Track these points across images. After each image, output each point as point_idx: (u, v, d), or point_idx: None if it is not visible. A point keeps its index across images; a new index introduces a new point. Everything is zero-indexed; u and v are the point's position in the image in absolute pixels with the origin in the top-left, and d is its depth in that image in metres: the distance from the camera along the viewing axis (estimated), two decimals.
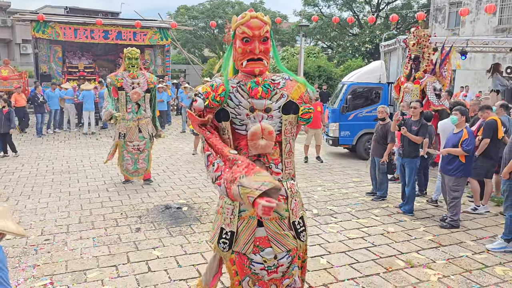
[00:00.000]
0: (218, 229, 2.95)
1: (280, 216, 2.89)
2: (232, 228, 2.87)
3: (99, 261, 4.84)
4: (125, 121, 7.86)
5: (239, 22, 2.80)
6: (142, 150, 8.02)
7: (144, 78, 7.96)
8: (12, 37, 39.28)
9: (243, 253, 2.87)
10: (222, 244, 2.90)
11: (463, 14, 13.70)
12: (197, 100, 2.79)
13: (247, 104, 2.81)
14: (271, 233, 2.87)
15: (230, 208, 2.87)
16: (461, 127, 6.06)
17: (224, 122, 2.81)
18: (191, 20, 38.13)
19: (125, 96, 7.82)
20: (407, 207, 6.73)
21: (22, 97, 14.35)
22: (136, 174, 8.13)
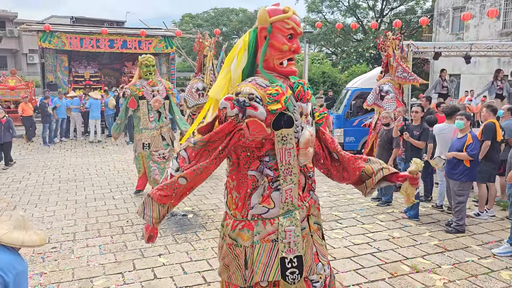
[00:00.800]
0: (274, 261, 2.48)
1: (319, 226, 2.74)
2: (297, 253, 2.49)
3: (105, 269, 4.88)
4: (148, 130, 7.57)
5: (284, 16, 2.49)
6: (168, 158, 7.75)
7: (162, 85, 7.77)
8: (19, 47, 39.76)
9: (306, 277, 2.56)
10: (291, 275, 2.48)
11: (465, 19, 13.67)
12: (257, 108, 2.34)
13: (298, 109, 2.53)
14: (318, 247, 2.67)
15: (292, 230, 2.49)
16: (466, 132, 6.07)
17: (285, 130, 2.42)
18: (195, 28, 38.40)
19: (147, 105, 7.56)
20: (412, 212, 6.73)
21: (29, 106, 14.50)
22: None
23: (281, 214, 2.50)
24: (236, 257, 2.54)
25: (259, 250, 2.49)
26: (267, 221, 2.51)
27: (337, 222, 6.52)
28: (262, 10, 2.56)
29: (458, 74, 23.18)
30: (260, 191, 2.51)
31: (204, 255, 5.23)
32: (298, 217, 2.52)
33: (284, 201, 2.50)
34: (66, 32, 18.55)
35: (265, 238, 2.50)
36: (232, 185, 2.61)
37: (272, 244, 2.49)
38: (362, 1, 35.18)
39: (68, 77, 19.21)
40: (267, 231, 2.50)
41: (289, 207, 2.52)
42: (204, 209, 7.16)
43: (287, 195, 2.50)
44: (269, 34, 2.51)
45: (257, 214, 2.51)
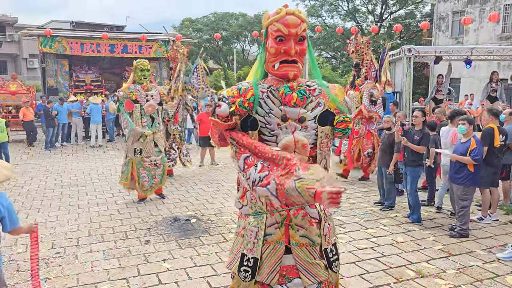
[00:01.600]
0: (238, 255, 2.61)
1: (311, 242, 2.56)
2: (255, 254, 2.52)
3: (109, 274, 4.86)
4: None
5: (272, 19, 2.48)
6: (159, 165, 7.69)
7: (157, 90, 7.73)
8: (19, 52, 39.78)
9: (267, 284, 2.54)
10: (244, 272, 2.54)
11: (466, 23, 13.72)
12: (221, 105, 2.46)
13: (279, 112, 2.48)
14: (301, 262, 2.53)
15: (254, 231, 2.54)
16: (469, 136, 6.07)
17: (251, 132, 2.48)
18: (195, 32, 38.49)
19: (140, 109, 7.50)
20: (415, 216, 6.72)
21: (30, 111, 14.53)
22: (150, 190, 7.76)
23: (251, 214, 2.61)
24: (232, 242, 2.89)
25: (234, 241, 2.73)
26: (243, 217, 2.69)
27: (340, 226, 6.52)
28: (264, 13, 2.60)
29: (458, 78, 23.25)
30: (241, 187, 2.68)
31: (208, 260, 5.21)
32: (264, 221, 2.55)
33: (251, 201, 2.61)
34: (66, 36, 18.59)
35: (240, 232, 2.69)
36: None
37: (242, 239, 2.65)
38: (361, 5, 35.34)
39: (69, 81, 19.23)
40: (242, 226, 2.69)
41: (257, 208, 2.58)
42: (207, 214, 7.16)
43: (252, 197, 2.60)
44: (265, 38, 2.58)
45: (237, 207, 2.74)
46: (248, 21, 39.04)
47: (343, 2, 35.14)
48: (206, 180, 9.71)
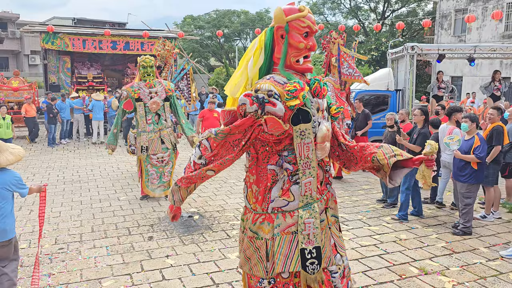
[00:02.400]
0: (294, 253, 2.56)
1: (336, 219, 2.83)
2: (316, 244, 2.57)
3: (113, 270, 4.87)
4: (146, 133, 7.45)
5: (300, 15, 2.56)
6: (167, 162, 7.58)
7: (162, 86, 7.55)
8: (20, 49, 39.84)
9: (326, 268, 2.62)
10: (311, 265, 2.55)
11: (469, 21, 13.72)
12: (275, 104, 2.41)
13: (315, 105, 2.61)
14: (336, 239, 2.77)
15: (311, 222, 2.56)
16: (472, 134, 6.07)
17: (303, 125, 2.51)
18: (197, 29, 38.43)
19: (144, 107, 7.43)
20: (400, 213, 6.73)
21: (32, 107, 14.53)
22: (162, 188, 7.58)
23: (301, 207, 2.59)
24: (257, 249, 2.62)
25: (280, 242, 2.57)
26: (287, 214, 2.59)
27: (343, 224, 6.51)
28: (278, 9, 2.62)
29: (460, 76, 23.23)
30: (279, 184, 2.60)
31: (212, 257, 5.22)
32: (317, 210, 2.61)
33: (304, 194, 2.59)
34: (68, 33, 18.57)
35: (285, 230, 2.58)
36: (252, 179, 2.69)
37: (292, 236, 2.57)
38: (363, 3, 35.26)
39: (71, 78, 19.23)
40: (287, 224, 2.58)
41: (308, 199, 2.61)
42: (210, 210, 7.16)
43: (306, 188, 2.59)
44: (287, 33, 2.58)
45: (277, 207, 2.61)
46: (250, 19, 39.00)
47: (345, 0, 35.10)
48: None
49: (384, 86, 11.40)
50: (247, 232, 2.69)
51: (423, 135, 6.71)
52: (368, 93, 11.38)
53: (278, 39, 2.62)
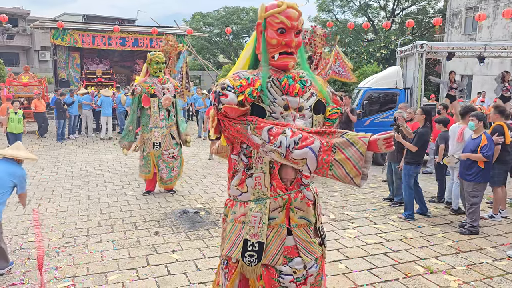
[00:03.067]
0: (239, 241, 2.66)
1: (308, 223, 2.71)
2: (260, 239, 2.59)
3: (119, 264, 4.91)
4: (159, 129, 7.47)
5: (275, 11, 2.53)
6: (176, 157, 7.68)
7: (171, 83, 7.69)
8: (31, 44, 40.16)
9: (271, 265, 2.62)
10: (249, 257, 2.60)
11: (480, 20, 13.57)
12: (227, 95, 2.44)
13: (282, 102, 2.56)
14: (300, 242, 2.66)
15: (258, 216, 2.61)
16: (479, 133, 6.02)
17: None
18: (206, 26, 38.49)
19: (158, 103, 7.45)
20: (405, 213, 6.74)
21: (42, 103, 14.66)
22: (169, 182, 7.73)
23: (253, 200, 2.67)
24: (224, 230, 2.85)
25: (231, 228, 2.74)
26: (242, 204, 2.72)
27: (349, 221, 6.50)
28: (261, 5, 2.65)
29: (470, 75, 23.01)
30: (239, 175, 2.71)
31: (217, 252, 5.24)
32: (267, 206, 2.64)
33: (254, 187, 2.65)
34: (78, 29, 18.68)
35: (238, 218, 2.72)
36: (227, 168, 2.86)
37: (242, 226, 2.69)
38: (373, 1, 35.02)
39: (80, 74, 19.35)
40: (240, 213, 2.71)
41: (260, 194, 2.65)
42: (216, 206, 7.18)
43: (256, 182, 2.65)
44: (264, 29, 2.60)
45: (233, 195, 2.77)
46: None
47: None
48: (215, 174, 9.74)
49: (393, 84, 11.32)
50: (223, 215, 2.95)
51: (420, 134, 6.69)
52: (377, 91, 11.33)
53: (259, 35, 2.65)
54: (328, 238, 5.73)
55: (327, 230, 6.08)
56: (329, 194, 8.04)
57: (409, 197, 6.71)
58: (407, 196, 6.73)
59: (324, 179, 9.39)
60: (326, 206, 7.19)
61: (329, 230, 6.05)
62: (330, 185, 8.81)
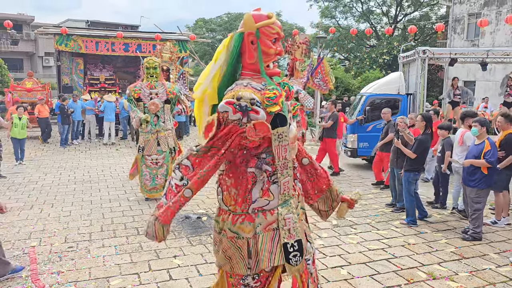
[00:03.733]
0: (277, 248, 2.66)
1: (303, 210, 2.98)
2: (297, 237, 2.70)
3: (121, 269, 4.91)
4: (144, 134, 7.52)
5: (269, 22, 2.63)
6: (161, 164, 7.58)
7: (164, 88, 7.58)
8: (35, 50, 40.38)
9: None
10: (294, 258, 2.67)
11: (482, 25, 13.57)
12: (258, 112, 2.48)
13: (287, 107, 2.72)
14: (305, 228, 2.92)
15: (291, 217, 2.70)
16: (482, 138, 6.01)
17: (281, 128, 2.61)
18: (209, 32, 38.64)
19: (143, 107, 7.48)
20: (408, 219, 6.72)
21: (45, 108, 14.72)
22: (154, 191, 7.67)
23: (279, 205, 2.71)
24: (238, 248, 2.69)
25: (263, 239, 2.67)
26: (267, 212, 2.69)
27: (351, 227, 6.49)
28: (248, 15, 2.69)
29: (473, 81, 22.98)
30: (259, 185, 2.68)
31: None
32: (293, 205, 2.76)
33: (282, 193, 2.71)
34: (82, 35, 18.79)
35: (266, 228, 2.68)
36: (229, 182, 2.74)
37: (274, 233, 2.68)
38: (375, 7, 35.12)
39: (84, 79, 19.44)
40: (268, 221, 2.68)
41: (286, 197, 2.73)
42: None
43: (285, 187, 2.72)
44: (258, 39, 2.63)
45: (258, 207, 2.69)
46: None
47: (357, 4, 34.97)
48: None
49: (395, 90, 11.31)
50: (226, 233, 2.72)
51: (419, 141, 6.70)
52: (379, 97, 11.33)
53: (248, 45, 2.67)
54: (330, 244, 5.74)
55: (329, 236, 6.08)
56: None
57: (410, 204, 6.70)
58: (408, 202, 6.71)
59: None
60: None
61: (331, 236, 6.04)
62: None
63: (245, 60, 2.70)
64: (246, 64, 2.71)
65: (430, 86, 23.07)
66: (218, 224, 2.79)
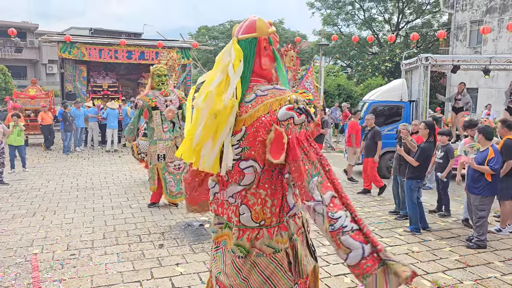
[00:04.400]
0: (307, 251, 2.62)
1: None
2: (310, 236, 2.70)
3: (123, 277, 4.89)
4: (163, 141, 7.52)
5: (274, 29, 2.62)
6: (183, 169, 7.61)
7: (175, 94, 7.70)
8: (39, 58, 40.59)
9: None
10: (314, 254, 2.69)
11: (484, 33, 13.61)
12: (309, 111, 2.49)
13: None
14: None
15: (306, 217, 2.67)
16: (486, 145, 5.98)
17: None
18: (211, 40, 38.81)
19: (160, 115, 7.50)
20: (411, 226, 6.67)
21: (48, 115, 14.77)
22: (180, 195, 7.65)
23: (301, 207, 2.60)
24: (279, 263, 2.48)
25: (299, 245, 2.54)
26: (296, 217, 2.57)
27: None
28: (261, 21, 2.57)
29: (476, 88, 22.98)
30: (291, 190, 2.51)
31: None
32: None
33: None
34: (85, 43, 18.90)
35: (297, 232, 2.56)
36: (263, 194, 2.45)
37: (303, 236, 2.60)
38: (377, 14, 35.25)
39: (87, 87, 19.52)
40: (298, 226, 2.57)
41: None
42: None
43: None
44: (271, 45, 2.57)
45: (294, 213, 2.53)
46: None
47: (359, 11, 35.12)
48: None
49: (398, 97, 11.32)
50: (262, 251, 2.48)
51: (422, 149, 6.64)
52: (381, 104, 11.33)
53: (262, 50, 2.55)
54: (333, 251, 5.67)
55: None
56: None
57: (413, 211, 6.65)
58: (411, 210, 6.67)
59: None
60: None
61: None
62: None
63: (256, 66, 2.55)
64: (257, 69, 2.56)
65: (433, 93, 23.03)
66: (241, 247, 2.49)
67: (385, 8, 34.46)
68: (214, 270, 2.65)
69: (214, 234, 2.74)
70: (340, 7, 34.78)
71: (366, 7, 34.56)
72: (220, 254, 2.65)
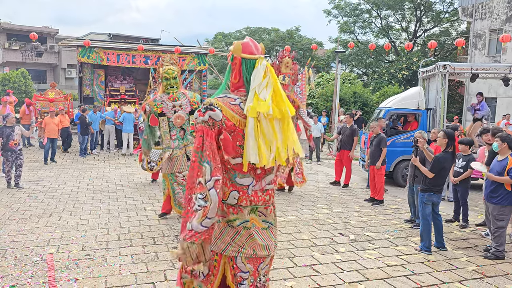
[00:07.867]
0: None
1: None
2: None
3: (137, 278, 4.91)
4: (170, 149, 6.95)
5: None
6: None
7: (186, 98, 6.97)
8: (58, 62, 41.30)
9: None
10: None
11: (504, 41, 13.42)
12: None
13: None
14: None
15: None
16: (505, 154, 5.87)
17: None
18: (227, 46, 39.00)
19: (168, 122, 6.91)
20: (421, 244, 6.11)
21: (66, 118, 14.99)
22: None
23: None
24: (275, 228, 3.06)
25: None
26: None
27: (369, 242, 6.38)
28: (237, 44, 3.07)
29: (494, 97, 22.65)
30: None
31: None
32: None
33: None
34: (104, 48, 19.16)
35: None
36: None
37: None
38: (395, 22, 35.07)
39: (104, 91, 19.77)
40: None
41: None
42: None
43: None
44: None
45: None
46: (280, 36, 39.36)
47: (376, 19, 35.00)
48: None
49: (415, 104, 11.21)
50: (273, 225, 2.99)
51: (436, 160, 6.11)
52: (398, 111, 11.24)
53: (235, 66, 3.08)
54: (347, 258, 5.65)
55: (346, 250, 5.98)
56: (349, 214, 7.92)
57: (424, 227, 6.09)
58: (422, 225, 6.12)
59: (344, 199, 9.28)
60: (345, 226, 7.08)
61: (349, 251, 5.95)
62: (350, 205, 8.69)
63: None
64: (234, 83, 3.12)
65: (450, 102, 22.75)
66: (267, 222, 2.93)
67: (403, 16, 34.27)
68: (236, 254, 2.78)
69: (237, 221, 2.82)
70: (357, 15, 34.71)
71: (383, 15, 34.44)
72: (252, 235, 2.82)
